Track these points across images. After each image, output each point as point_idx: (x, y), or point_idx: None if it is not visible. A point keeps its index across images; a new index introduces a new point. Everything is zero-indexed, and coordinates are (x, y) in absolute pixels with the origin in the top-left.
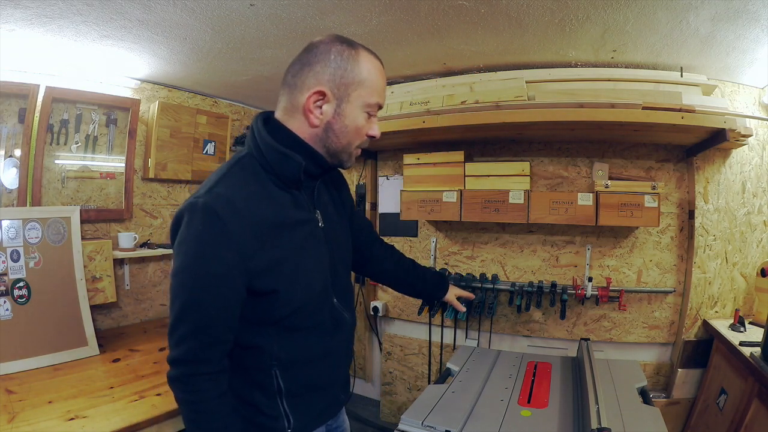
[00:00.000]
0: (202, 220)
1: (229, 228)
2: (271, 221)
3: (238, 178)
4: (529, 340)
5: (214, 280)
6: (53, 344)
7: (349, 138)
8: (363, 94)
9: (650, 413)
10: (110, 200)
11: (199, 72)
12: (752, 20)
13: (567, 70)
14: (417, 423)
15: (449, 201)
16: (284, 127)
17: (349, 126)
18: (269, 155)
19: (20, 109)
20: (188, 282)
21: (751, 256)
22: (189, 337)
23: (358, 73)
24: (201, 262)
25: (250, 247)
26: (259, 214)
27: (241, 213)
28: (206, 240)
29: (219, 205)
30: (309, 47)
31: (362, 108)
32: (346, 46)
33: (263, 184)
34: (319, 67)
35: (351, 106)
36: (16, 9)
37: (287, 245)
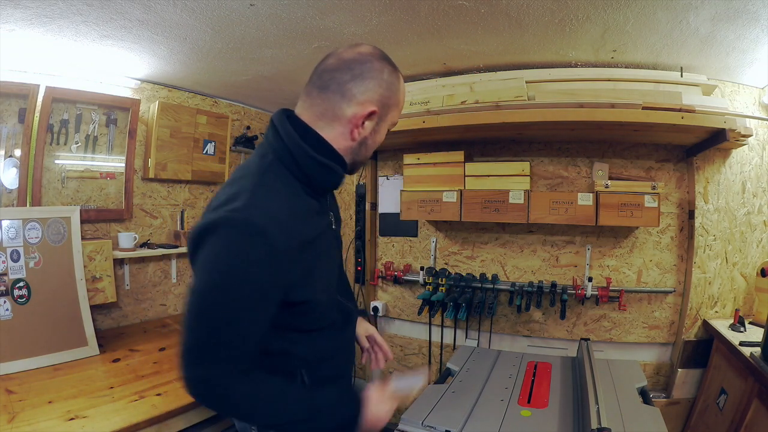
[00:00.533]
0: (246, 239)
1: (276, 248)
2: (307, 235)
3: (276, 189)
4: (529, 340)
5: (255, 300)
6: (53, 344)
7: (372, 151)
8: (395, 114)
9: (650, 413)
10: (110, 200)
11: (199, 72)
12: (752, 20)
13: (567, 70)
14: (417, 423)
15: (449, 201)
16: (318, 135)
17: (378, 142)
18: (306, 164)
19: (20, 109)
20: (220, 298)
21: (751, 256)
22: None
23: (398, 97)
24: (241, 283)
25: (290, 262)
26: (302, 231)
27: (288, 231)
28: (249, 260)
29: (264, 222)
30: (359, 58)
31: (389, 126)
32: (392, 67)
33: (298, 195)
34: (372, 84)
35: (384, 124)
36: (16, 9)
37: (315, 255)
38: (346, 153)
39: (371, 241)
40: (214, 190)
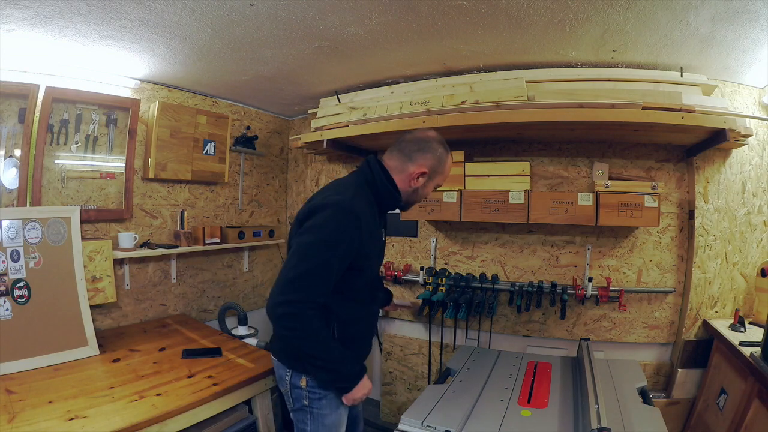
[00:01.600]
0: (346, 214)
1: (360, 223)
2: (373, 227)
3: (364, 196)
4: (529, 340)
5: (342, 251)
6: (53, 344)
7: (419, 199)
8: (440, 179)
9: (650, 413)
10: (110, 200)
11: (199, 72)
12: (752, 20)
13: (567, 70)
14: (417, 423)
15: (449, 201)
16: (392, 178)
17: (424, 194)
18: (383, 190)
19: (20, 109)
20: (324, 248)
21: (751, 256)
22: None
23: (443, 168)
24: (339, 239)
25: (363, 238)
26: (371, 221)
27: (366, 217)
28: (346, 226)
29: (358, 208)
30: (426, 138)
31: (435, 185)
32: (446, 149)
33: (372, 204)
34: (429, 156)
35: (432, 183)
36: (16, 9)
37: (374, 244)
38: (403, 193)
39: None
40: (214, 190)
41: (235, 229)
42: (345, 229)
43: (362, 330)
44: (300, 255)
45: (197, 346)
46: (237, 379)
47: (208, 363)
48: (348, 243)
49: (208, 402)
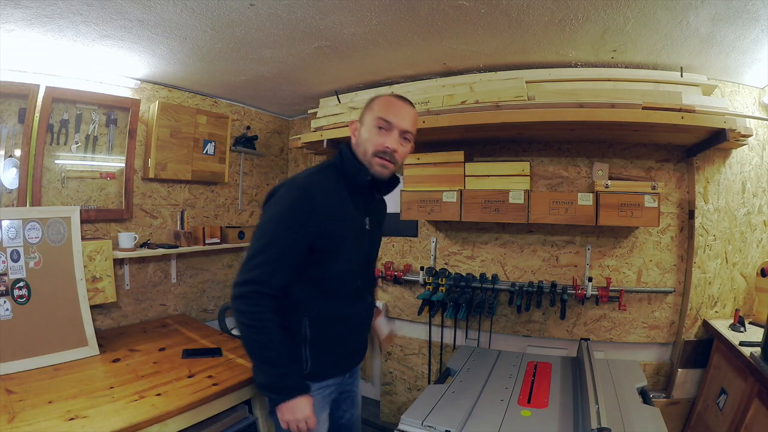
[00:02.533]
0: (298, 192)
1: (314, 200)
2: (338, 207)
3: (325, 176)
4: (529, 340)
5: (293, 230)
6: (53, 344)
7: (364, 147)
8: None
9: (650, 413)
10: (110, 200)
11: (199, 72)
12: (752, 20)
13: (567, 70)
14: (417, 423)
15: (449, 201)
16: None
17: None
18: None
19: (20, 109)
20: (275, 227)
21: (751, 256)
22: (264, 264)
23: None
24: (290, 217)
25: (322, 217)
26: (332, 201)
27: (323, 195)
28: (298, 204)
29: (311, 185)
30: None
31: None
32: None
33: (339, 185)
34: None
35: (364, 126)
36: (16, 9)
37: (342, 228)
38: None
39: None
40: (214, 190)
41: (235, 229)
42: (295, 204)
43: (341, 332)
44: (255, 236)
45: (197, 346)
46: (237, 379)
47: (208, 363)
48: (300, 219)
49: (208, 402)
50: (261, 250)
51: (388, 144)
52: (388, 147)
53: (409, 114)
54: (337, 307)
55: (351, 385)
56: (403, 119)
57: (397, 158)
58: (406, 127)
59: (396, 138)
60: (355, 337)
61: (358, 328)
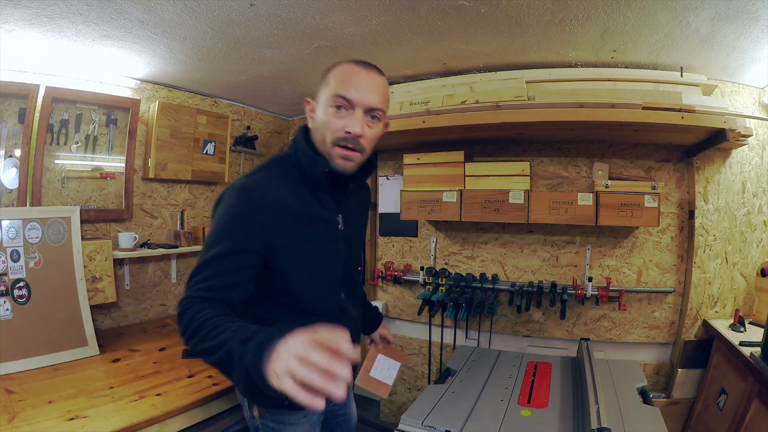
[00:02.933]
0: (238, 196)
1: (257, 205)
2: (294, 211)
3: (274, 172)
4: (529, 340)
5: (237, 242)
6: (53, 344)
7: (322, 133)
8: (326, 92)
9: (650, 413)
10: (110, 200)
11: (199, 72)
12: (752, 20)
13: (567, 70)
14: (417, 423)
15: (449, 201)
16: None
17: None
18: (303, 158)
19: (20, 109)
20: (216, 241)
21: (751, 256)
22: (203, 281)
23: (327, 79)
24: (230, 227)
25: (272, 226)
26: (285, 203)
27: (270, 197)
28: (238, 211)
29: (253, 187)
30: None
31: (326, 104)
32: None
33: (293, 181)
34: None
35: (319, 106)
36: (16, 9)
37: (304, 235)
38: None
39: (371, 241)
40: (214, 190)
41: None
42: (235, 211)
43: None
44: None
45: None
46: None
47: None
48: (242, 228)
49: (208, 402)
50: (204, 265)
51: (350, 128)
52: (350, 132)
53: (375, 84)
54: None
55: (344, 408)
56: (367, 92)
57: (364, 144)
58: (372, 103)
59: (360, 119)
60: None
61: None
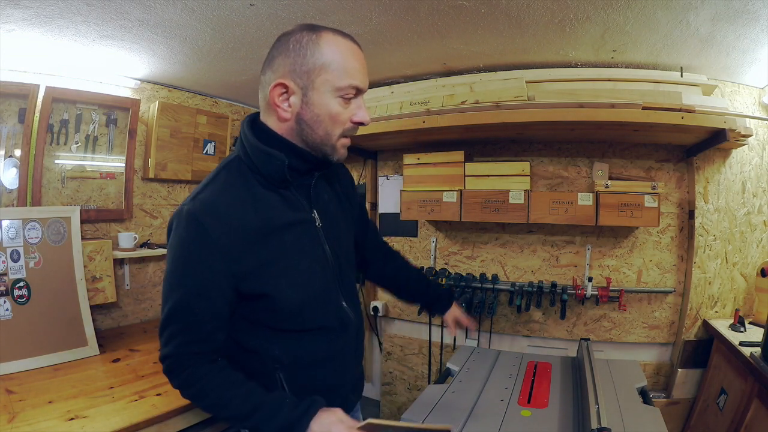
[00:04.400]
0: (186, 227)
1: (210, 234)
2: (257, 225)
3: (224, 182)
4: (529, 340)
5: (200, 283)
6: (53, 344)
7: (326, 128)
8: (329, 78)
9: (650, 413)
10: (110, 200)
11: (199, 72)
12: (752, 20)
13: (567, 70)
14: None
15: (449, 201)
16: (265, 126)
17: (321, 114)
18: (254, 156)
19: (20, 109)
20: (176, 284)
21: (751, 256)
22: (178, 335)
23: (319, 57)
24: (186, 267)
25: (234, 251)
26: (244, 219)
27: (224, 218)
28: (189, 245)
29: (201, 211)
30: (276, 42)
31: (332, 93)
32: (306, 31)
33: (249, 187)
34: (280, 60)
35: (318, 93)
36: (16, 9)
37: (275, 248)
38: (291, 136)
39: None
40: None
41: None
42: (189, 246)
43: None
44: (162, 293)
45: None
46: None
47: None
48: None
49: None
50: (169, 317)
51: (361, 118)
52: (362, 122)
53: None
54: (317, 346)
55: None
56: (366, 74)
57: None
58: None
59: (364, 104)
60: (349, 375)
61: (348, 364)
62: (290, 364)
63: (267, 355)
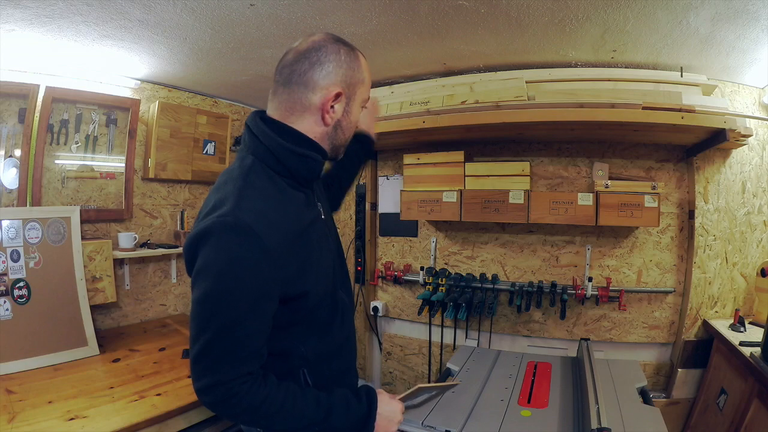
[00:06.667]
0: (238, 239)
1: (266, 243)
2: (296, 227)
3: (260, 188)
4: (529, 340)
5: (254, 297)
6: (53, 344)
7: (351, 133)
8: (362, 91)
9: (650, 413)
10: (110, 200)
11: (199, 72)
12: (752, 20)
13: (567, 70)
14: (417, 423)
15: (449, 201)
16: (292, 129)
17: (353, 122)
18: (285, 158)
19: (20, 109)
20: (224, 305)
21: (751, 256)
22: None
23: (361, 74)
24: (239, 282)
25: (283, 257)
26: (289, 223)
27: (275, 225)
28: (245, 259)
29: (254, 221)
30: (313, 46)
31: (361, 104)
32: (349, 47)
33: (281, 190)
34: (332, 68)
35: (355, 104)
36: (16, 9)
37: (308, 246)
38: (323, 140)
39: (371, 241)
40: None
41: None
42: (242, 260)
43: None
44: (197, 321)
45: None
46: None
47: None
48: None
49: None
50: (216, 343)
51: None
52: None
53: None
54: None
55: None
56: None
57: None
58: None
59: None
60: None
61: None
62: (313, 359)
63: (294, 354)
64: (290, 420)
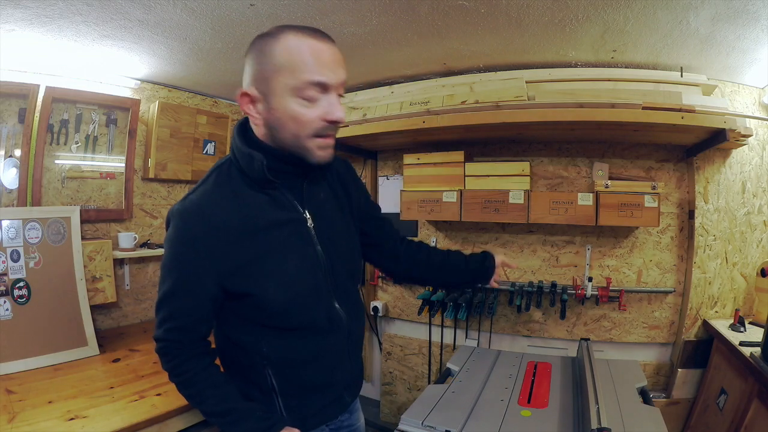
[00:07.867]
0: (175, 225)
1: (194, 233)
2: (239, 225)
3: (212, 184)
4: (529, 340)
5: (185, 277)
6: (53, 344)
7: (291, 130)
8: (284, 79)
9: (650, 413)
10: (110, 200)
11: (199, 72)
12: (752, 20)
13: (567, 70)
14: (417, 423)
15: (449, 201)
16: (249, 129)
17: (282, 118)
18: (239, 157)
19: (20, 109)
20: (166, 275)
21: (751, 256)
22: (167, 320)
23: (273, 61)
24: (174, 261)
25: (217, 250)
26: (226, 219)
27: (207, 218)
28: (177, 242)
29: (187, 211)
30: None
31: (290, 94)
32: (267, 37)
33: (235, 188)
34: (247, 69)
35: (277, 97)
36: (16, 9)
37: (260, 247)
38: (267, 141)
39: None
40: None
41: None
42: (178, 241)
43: (317, 375)
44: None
45: None
46: None
47: None
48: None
49: None
50: (162, 300)
51: (333, 116)
52: (335, 120)
53: (339, 57)
54: (304, 345)
55: (349, 420)
56: (338, 70)
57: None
58: (343, 77)
59: (338, 100)
60: (341, 374)
61: (338, 364)
62: (278, 361)
63: (255, 351)
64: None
